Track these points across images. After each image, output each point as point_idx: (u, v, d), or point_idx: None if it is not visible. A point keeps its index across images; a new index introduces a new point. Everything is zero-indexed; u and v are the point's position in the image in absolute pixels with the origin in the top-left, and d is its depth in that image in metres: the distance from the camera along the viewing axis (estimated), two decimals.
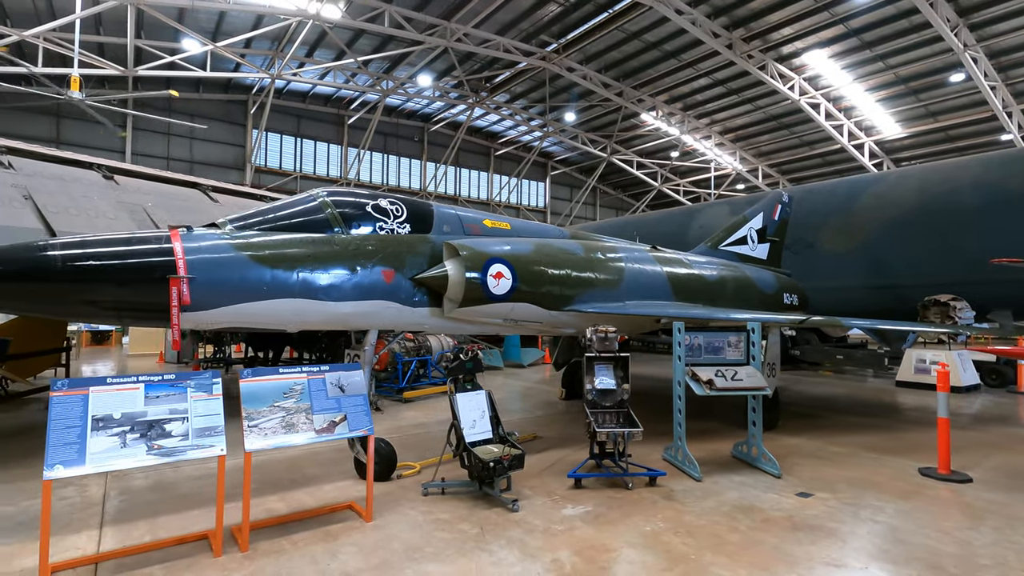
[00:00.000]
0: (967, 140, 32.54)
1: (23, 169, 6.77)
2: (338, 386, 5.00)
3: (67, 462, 3.69)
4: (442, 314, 6.32)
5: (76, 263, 4.25)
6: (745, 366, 6.65)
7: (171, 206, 7.91)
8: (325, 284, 5.40)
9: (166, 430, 4.07)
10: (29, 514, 5.02)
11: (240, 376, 4.63)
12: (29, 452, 7.10)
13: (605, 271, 7.73)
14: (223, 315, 4.94)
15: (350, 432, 4.85)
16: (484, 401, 5.86)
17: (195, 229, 4.99)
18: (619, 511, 5.16)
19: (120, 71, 23.43)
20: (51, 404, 3.82)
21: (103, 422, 3.90)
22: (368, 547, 4.35)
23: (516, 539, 4.50)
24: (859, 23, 24.26)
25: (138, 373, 4.45)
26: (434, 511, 5.13)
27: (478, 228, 6.92)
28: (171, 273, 4.56)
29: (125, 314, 4.68)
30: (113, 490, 5.65)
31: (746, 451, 6.81)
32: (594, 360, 6.33)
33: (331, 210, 5.71)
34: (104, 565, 4.05)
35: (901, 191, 14.92)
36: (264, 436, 4.44)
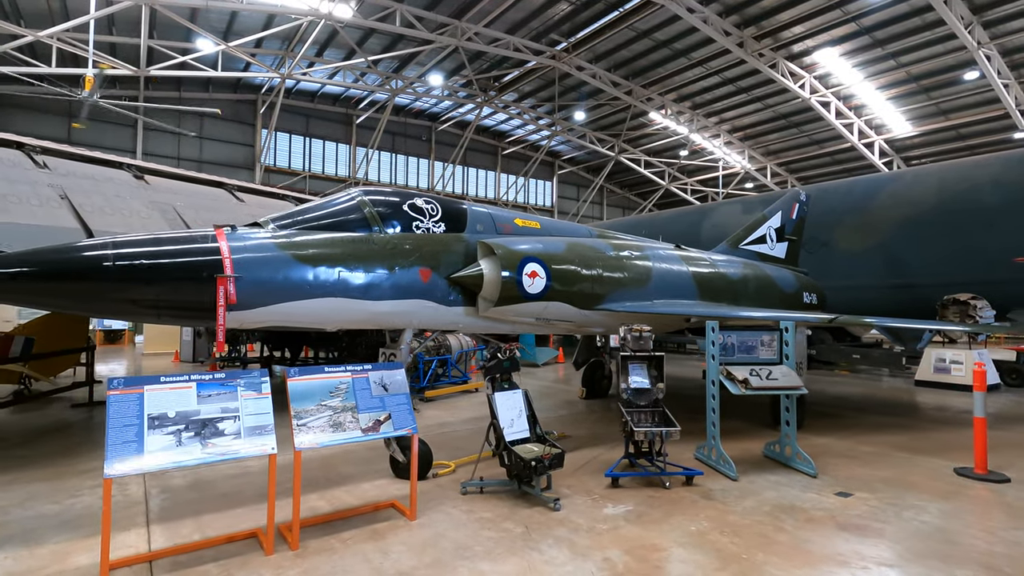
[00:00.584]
0: (978, 138, 32.39)
1: (58, 169, 6.79)
2: (381, 385, 5.01)
3: (127, 461, 3.70)
4: (476, 313, 6.32)
5: (127, 262, 4.26)
6: (779, 365, 6.63)
7: (199, 205, 7.93)
8: (364, 283, 5.41)
9: (219, 428, 4.09)
10: (73, 512, 5.05)
11: (287, 375, 4.64)
12: (64, 451, 7.14)
13: (634, 270, 7.72)
14: (267, 314, 4.95)
15: (395, 431, 4.86)
16: (521, 400, 5.86)
17: (239, 228, 5.00)
18: (661, 510, 5.15)
19: (133, 71, 23.49)
20: (109, 402, 3.83)
21: (159, 420, 3.91)
22: (417, 545, 4.35)
23: (563, 538, 4.50)
24: (871, 21, 24.16)
25: (188, 373, 4.46)
26: (476, 510, 5.13)
27: (510, 227, 6.92)
28: (218, 272, 4.58)
29: (170, 312, 4.70)
30: (153, 488, 5.67)
31: (778, 450, 6.80)
32: (628, 359, 6.32)
33: (369, 209, 5.71)
34: (159, 563, 4.06)
35: (919, 190, 14.87)
36: (313, 434, 4.45)
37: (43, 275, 4.01)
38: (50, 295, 4.16)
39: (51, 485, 5.76)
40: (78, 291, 4.18)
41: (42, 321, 11.32)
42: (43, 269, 4.01)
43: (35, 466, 6.43)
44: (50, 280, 4.04)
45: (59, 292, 4.15)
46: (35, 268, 3.99)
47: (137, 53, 24.38)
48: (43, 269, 4.01)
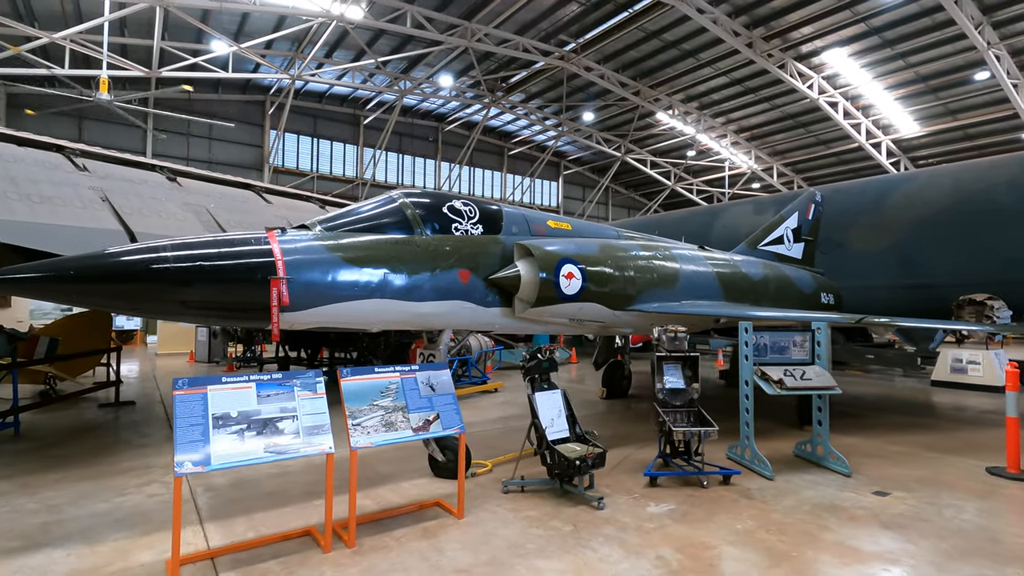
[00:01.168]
0: (986, 138, 32.38)
1: (97, 171, 6.87)
2: (429, 385, 5.07)
3: (195, 460, 3.76)
4: (512, 314, 6.38)
5: (187, 263, 4.33)
6: (811, 366, 6.69)
7: (231, 207, 8.00)
8: (408, 285, 5.48)
9: (279, 428, 4.16)
10: (125, 510, 5.12)
11: (340, 375, 4.71)
12: (100, 450, 7.21)
13: (663, 271, 7.79)
14: (316, 315, 5.02)
15: (443, 430, 4.92)
16: (560, 400, 5.93)
17: (288, 230, 5.07)
18: (703, 509, 5.21)
19: (145, 72, 23.58)
20: (175, 402, 3.90)
21: (222, 420, 3.98)
22: (471, 544, 4.42)
23: (613, 536, 4.57)
24: (880, 21, 24.18)
25: (249, 373, 4.53)
26: (520, 508, 5.19)
27: (543, 229, 6.98)
28: (271, 274, 4.64)
29: (222, 314, 4.77)
30: (198, 487, 5.74)
31: (809, 450, 6.85)
32: (663, 360, 6.38)
33: (411, 211, 5.78)
34: (221, 560, 4.13)
35: (933, 190, 14.91)
36: (367, 434, 4.52)
37: (108, 277, 4.08)
38: (112, 296, 4.22)
39: (98, 484, 5.83)
40: (138, 293, 4.25)
41: (66, 321, 11.41)
42: (108, 271, 4.07)
43: (76, 465, 6.50)
44: (114, 281, 4.11)
45: (119, 294, 4.21)
46: (100, 270, 4.05)
47: (146, 54, 24.49)
48: (108, 271, 4.07)
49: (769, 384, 6.33)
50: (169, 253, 4.30)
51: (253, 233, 4.85)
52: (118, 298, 4.25)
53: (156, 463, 6.63)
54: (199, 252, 4.43)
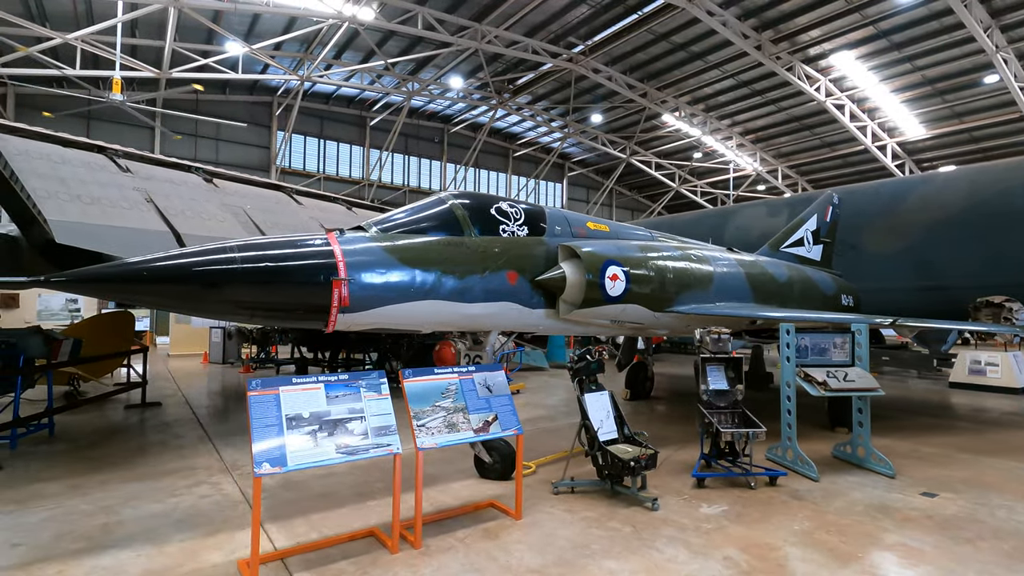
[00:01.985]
0: (991, 141, 32.54)
1: (139, 172, 6.86)
2: (486, 386, 5.09)
3: (273, 460, 3.77)
4: (557, 315, 6.39)
5: (252, 264, 4.34)
6: (852, 367, 6.72)
7: (265, 208, 8.01)
8: (460, 286, 5.49)
9: (349, 429, 4.17)
10: (181, 511, 5.11)
11: (403, 376, 4.72)
12: (138, 451, 7.21)
13: (699, 273, 7.82)
14: (374, 316, 5.03)
15: (502, 431, 4.94)
16: (608, 401, 5.95)
17: (346, 232, 5.08)
18: (757, 510, 5.23)
19: (156, 73, 23.56)
20: (250, 403, 3.91)
21: (295, 421, 3.99)
22: (536, 544, 4.43)
23: (675, 537, 4.58)
24: (889, 24, 24.29)
25: (316, 374, 4.53)
26: (575, 509, 5.21)
27: (583, 230, 7.01)
28: (333, 275, 4.65)
29: (281, 314, 4.79)
30: (249, 489, 5.73)
31: (849, 451, 6.88)
32: (707, 361, 6.41)
33: (461, 213, 5.79)
34: (291, 560, 4.14)
35: (950, 193, 14.96)
36: (432, 435, 4.53)
37: (179, 278, 4.08)
38: (179, 297, 4.23)
39: (146, 485, 5.82)
40: (206, 294, 4.25)
41: (89, 323, 11.40)
42: (180, 273, 4.08)
43: (118, 467, 6.49)
44: (184, 283, 4.12)
45: (187, 295, 4.22)
46: (172, 272, 4.06)
47: (155, 55, 24.49)
48: (180, 273, 4.08)
49: (812, 385, 6.36)
50: (237, 254, 4.31)
51: (314, 235, 4.87)
52: (185, 299, 4.26)
53: (198, 464, 6.63)
54: (265, 253, 4.45)
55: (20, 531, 4.60)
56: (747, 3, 23.85)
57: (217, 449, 7.28)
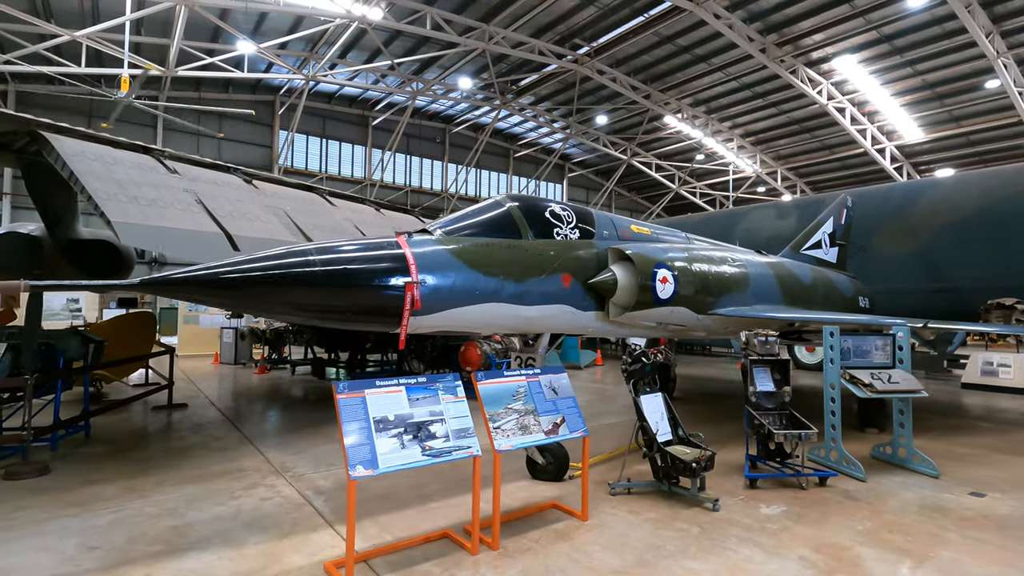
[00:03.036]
0: (988, 144, 32.99)
1: (186, 173, 6.83)
2: (552, 388, 5.13)
3: (365, 463, 3.79)
4: (606, 318, 6.45)
5: (333, 268, 4.35)
6: (894, 369, 6.82)
7: (303, 210, 7.99)
8: (520, 289, 5.53)
9: (431, 431, 4.19)
10: (246, 513, 5.11)
11: (476, 379, 4.75)
12: (180, 453, 7.17)
13: (738, 275, 7.90)
14: (440, 319, 5.05)
15: (570, 434, 4.98)
16: (662, 403, 6.01)
17: (413, 235, 5.10)
18: (815, 511, 5.30)
19: (162, 71, 23.37)
20: (340, 406, 3.93)
21: (382, 423, 4.01)
22: (611, 546, 4.47)
23: (745, 538, 4.65)
24: (892, 29, 24.59)
25: (399, 376, 4.54)
26: (637, 510, 5.26)
27: (628, 233, 7.06)
28: (407, 278, 4.68)
29: (355, 318, 4.78)
30: (307, 491, 5.73)
31: (890, 452, 6.98)
32: (753, 363, 6.48)
33: (518, 216, 5.83)
34: (374, 562, 4.16)
35: (960, 196, 15.18)
36: (507, 437, 4.57)
37: (263, 282, 4.09)
38: (258, 300, 4.24)
39: (201, 487, 5.80)
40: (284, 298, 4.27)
41: (112, 323, 11.31)
42: (264, 277, 4.08)
43: (166, 469, 6.46)
44: (266, 286, 4.12)
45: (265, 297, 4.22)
46: (255, 276, 4.06)
47: (159, 53, 24.32)
48: (264, 277, 4.08)
49: (858, 387, 6.46)
50: (316, 257, 4.33)
51: (385, 237, 4.89)
52: (267, 302, 4.27)
53: (246, 466, 6.61)
54: (342, 256, 4.46)
55: (92, 534, 4.58)
56: (753, 7, 24.05)
57: (260, 451, 7.26)
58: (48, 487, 5.78)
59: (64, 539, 4.48)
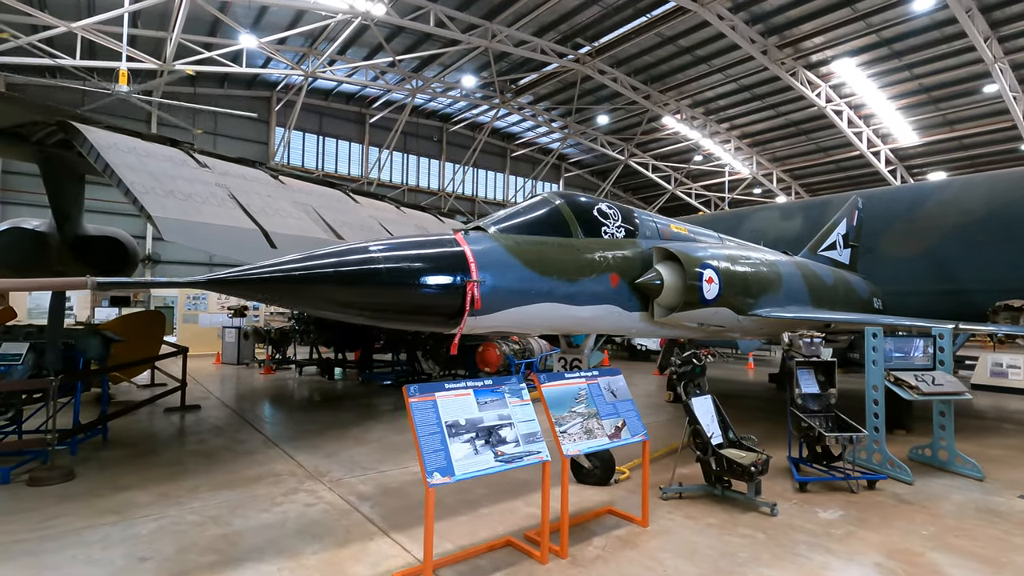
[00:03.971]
0: (980, 149, 33.44)
1: (215, 168, 6.60)
2: (610, 391, 4.99)
3: (442, 470, 3.63)
4: (650, 318, 6.32)
5: (396, 266, 4.18)
6: (935, 371, 6.78)
7: (330, 206, 7.78)
8: (572, 289, 5.39)
9: (502, 436, 4.04)
10: (293, 520, 4.91)
11: (539, 381, 4.60)
12: (207, 457, 6.94)
13: (772, 276, 7.83)
14: (497, 320, 4.88)
15: (631, 437, 4.85)
16: (712, 405, 5.89)
17: (469, 232, 4.94)
18: (873, 515, 5.23)
19: (158, 65, 22.89)
20: (413, 410, 3.75)
21: (454, 428, 3.85)
22: (681, 552, 4.35)
23: (814, 544, 4.55)
24: (892, 33, 24.79)
25: (463, 379, 4.36)
26: (694, 515, 5.14)
27: (668, 232, 6.96)
28: (467, 277, 4.51)
29: (416, 318, 4.60)
30: (350, 497, 5.54)
31: (929, 454, 6.94)
32: (799, 365, 6.40)
33: (568, 214, 5.69)
34: (441, 572, 3.99)
35: (969, 198, 15.29)
36: (574, 442, 4.42)
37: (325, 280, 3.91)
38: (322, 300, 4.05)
39: (239, 493, 5.58)
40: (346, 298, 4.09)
41: (120, 322, 10.98)
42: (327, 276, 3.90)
43: (196, 474, 6.23)
44: (330, 285, 3.94)
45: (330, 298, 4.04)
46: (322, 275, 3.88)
47: (155, 46, 23.84)
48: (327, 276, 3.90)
49: (903, 389, 6.40)
50: (379, 254, 4.15)
51: (442, 235, 4.72)
52: (329, 301, 4.08)
53: (279, 470, 6.40)
54: (405, 254, 4.29)
55: (139, 544, 4.36)
56: (756, 8, 24.14)
57: (289, 455, 7.04)
58: (76, 493, 5.53)
59: (109, 549, 4.26)
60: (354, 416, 9.58)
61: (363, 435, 8.17)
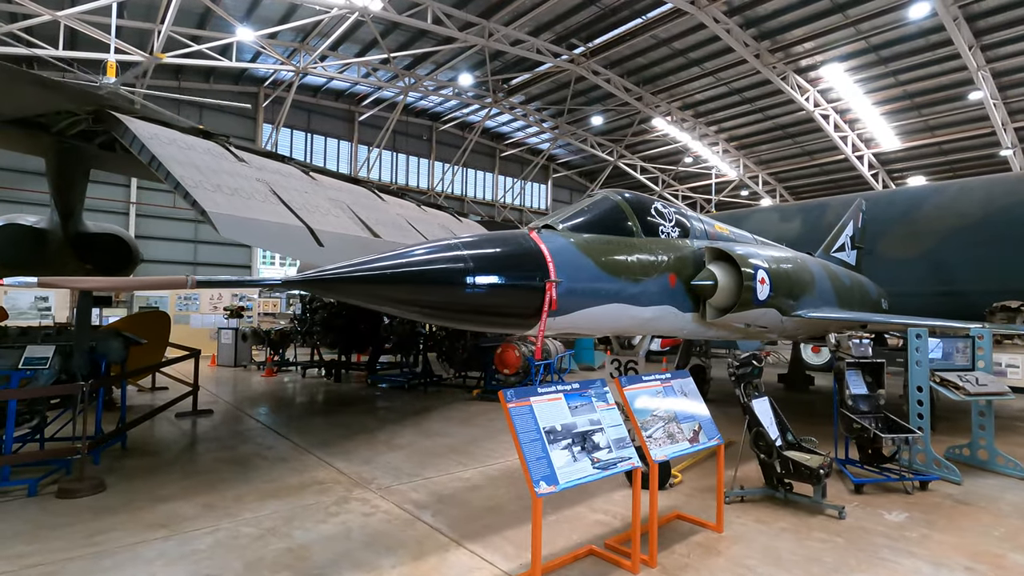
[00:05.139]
0: (959, 154, 34.40)
1: (252, 162, 6.30)
2: (683, 393, 4.88)
3: (547, 479, 3.47)
4: (700, 319, 6.24)
5: (484, 264, 4.01)
6: (975, 371, 6.84)
7: (361, 203, 7.52)
8: (637, 289, 5.28)
9: (595, 442, 3.89)
10: (357, 531, 4.69)
11: (621, 384, 4.46)
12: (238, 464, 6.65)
13: (808, 277, 7.81)
14: (571, 321, 4.74)
15: (708, 441, 4.74)
16: (769, 407, 5.83)
17: (542, 230, 4.78)
18: (939, 517, 5.22)
19: (145, 57, 22.15)
20: (512, 416, 3.58)
21: (551, 434, 3.69)
22: (767, 559, 4.26)
23: (895, 547, 4.51)
24: (880, 39, 25.32)
25: (554, 383, 4.19)
26: (764, 520, 5.07)
27: (714, 232, 6.90)
28: (546, 276, 4.36)
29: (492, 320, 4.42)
30: (406, 505, 5.32)
31: (967, 454, 7.00)
32: (848, 366, 6.39)
33: (629, 212, 5.57)
34: None
35: (965, 202, 15.66)
36: (660, 446, 4.30)
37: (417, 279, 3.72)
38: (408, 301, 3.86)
39: (287, 503, 5.32)
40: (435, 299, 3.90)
41: (128, 323, 10.53)
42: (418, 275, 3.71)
43: (233, 482, 5.94)
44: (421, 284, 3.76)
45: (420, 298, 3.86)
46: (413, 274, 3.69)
47: (140, 38, 23.07)
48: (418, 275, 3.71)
49: (949, 390, 6.43)
50: (463, 252, 3.97)
51: (519, 233, 4.55)
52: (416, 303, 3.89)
53: (321, 477, 6.14)
54: (489, 252, 4.12)
55: (201, 560, 4.10)
56: (750, 13, 24.43)
57: (325, 461, 6.77)
58: (113, 506, 5.21)
59: (172, 567, 4.00)
60: (376, 420, 9.31)
61: (392, 440, 7.93)
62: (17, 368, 5.56)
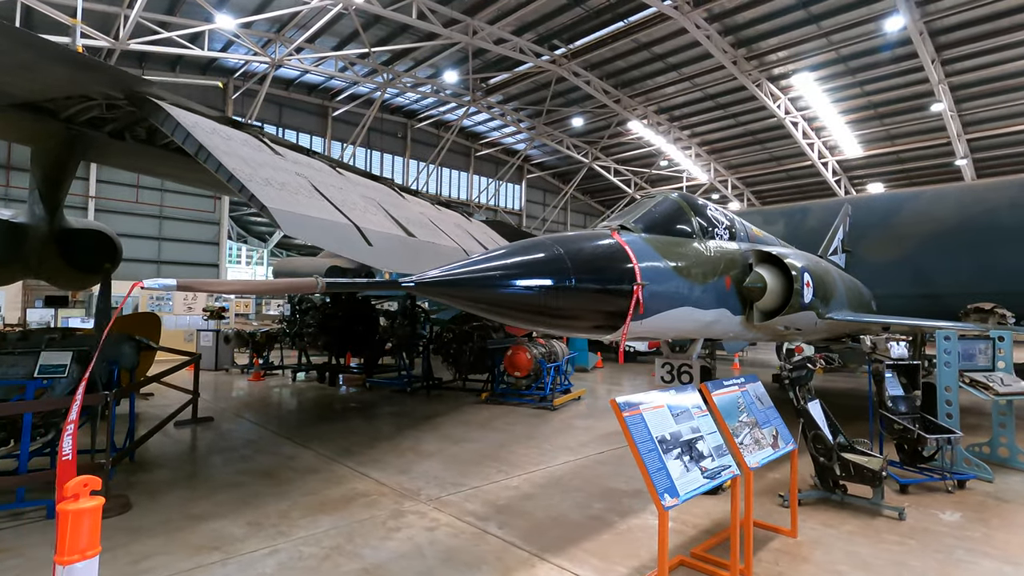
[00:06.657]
0: (914, 163, 36.14)
1: (286, 155, 5.90)
2: (757, 398, 4.82)
3: (669, 491, 3.32)
4: (747, 322, 6.23)
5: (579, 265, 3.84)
6: (997, 372, 7.07)
7: (389, 201, 7.19)
8: (702, 292, 5.21)
9: (699, 451, 3.77)
10: (427, 548, 4.43)
11: (708, 389, 4.36)
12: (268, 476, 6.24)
13: (834, 280, 7.96)
14: (651, 324, 4.62)
15: (785, 446, 4.69)
16: (821, 410, 5.86)
17: (621, 231, 4.64)
18: (991, 516, 5.33)
19: (111, 43, 20.92)
20: (629, 425, 3.42)
21: (664, 444, 3.55)
22: (856, 564, 4.24)
23: (969, 548, 4.57)
24: (849, 51, 26.33)
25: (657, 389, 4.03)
26: (829, 523, 5.07)
27: (753, 236, 6.91)
28: (633, 280, 4.22)
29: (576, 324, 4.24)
30: (467, 517, 5.08)
31: (987, 452, 7.22)
32: (886, 368, 6.50)
33: (690, 215, 5.49)
34: None
35: (940, 208, 16.39)
36: (751, 453, 4.21)
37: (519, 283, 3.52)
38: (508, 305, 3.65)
39: (339, 518, 5.00)
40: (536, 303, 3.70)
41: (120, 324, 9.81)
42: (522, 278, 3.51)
43: (269, 497, 5.56)
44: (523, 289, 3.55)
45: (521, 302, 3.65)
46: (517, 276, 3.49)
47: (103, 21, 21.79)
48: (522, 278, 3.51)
49: (978, 390, 6.62)
50: (561, 250, 3.79)
51: (602, 233, 4.40)
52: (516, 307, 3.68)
53: (362, 489, 5.82)
54: (582, 252, 3.95)
55: None
56: (728, 21, 25.00)
57: (360, 471, 6.43)
58: (148, 526, 4.78)
59: None
60: (391, 426, 8.98)
61: (418, 447, 7.64)
62: (33, 377, 5.03)
